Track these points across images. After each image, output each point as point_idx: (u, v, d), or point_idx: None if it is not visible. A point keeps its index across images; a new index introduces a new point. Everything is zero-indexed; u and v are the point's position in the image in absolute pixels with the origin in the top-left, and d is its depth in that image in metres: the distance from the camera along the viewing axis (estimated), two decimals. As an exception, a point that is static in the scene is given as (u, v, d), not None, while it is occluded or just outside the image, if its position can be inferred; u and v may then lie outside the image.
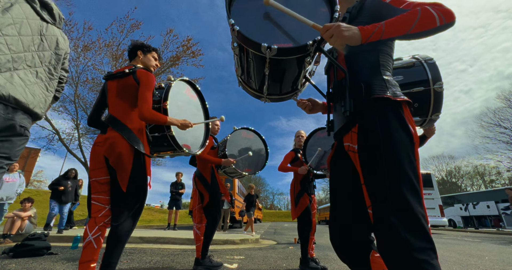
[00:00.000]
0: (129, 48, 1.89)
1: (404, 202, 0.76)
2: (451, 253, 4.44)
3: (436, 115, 1.58)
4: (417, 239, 0.72)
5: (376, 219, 0.81)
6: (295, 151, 3.19)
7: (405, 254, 0.71)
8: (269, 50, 0.94)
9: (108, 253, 1.42)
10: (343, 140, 1.02)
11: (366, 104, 0.91)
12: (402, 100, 0.90)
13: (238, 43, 1.07)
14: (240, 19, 1.05)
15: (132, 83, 1.66)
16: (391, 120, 0.86)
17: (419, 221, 0.74)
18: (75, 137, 11.48)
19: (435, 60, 1.61)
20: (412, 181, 0.78)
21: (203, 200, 2.67)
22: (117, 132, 1.56)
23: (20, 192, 5.46)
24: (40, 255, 3.23)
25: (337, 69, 1.08)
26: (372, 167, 0.84)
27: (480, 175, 33.45)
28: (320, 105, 1.35)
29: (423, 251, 0.71)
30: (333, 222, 1.03)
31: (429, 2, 0.85)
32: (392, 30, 0.83)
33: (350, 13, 1.09)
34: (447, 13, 0.81)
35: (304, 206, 2.88)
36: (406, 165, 0.80)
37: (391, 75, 0.99)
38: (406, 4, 0.92)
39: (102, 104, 1.82)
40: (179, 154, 2.06)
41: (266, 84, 1.15)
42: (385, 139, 0.83)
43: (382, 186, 0.80)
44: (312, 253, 2.86)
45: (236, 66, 1.25)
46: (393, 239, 0.74)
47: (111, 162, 1.51)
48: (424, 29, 0.82)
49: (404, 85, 1.57)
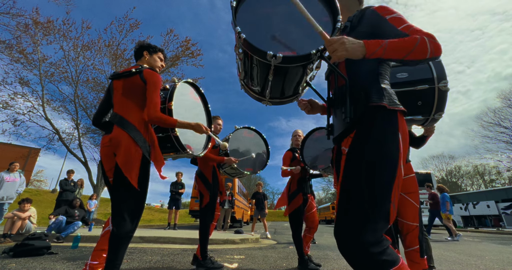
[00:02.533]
0: (136, 48, 1.89)
1: (355, 215, 0.84)
2: (451, 252, 4.44)
3: (439, 114, 1.56)
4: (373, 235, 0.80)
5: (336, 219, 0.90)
6: (292, 150, 3.20)
7: (365, 251, 0.78)
8: (274, 58, 0.97)
9: (111, 256, 1.41)
10: (341, 144, 1.06)
11: (364, 111, 0.95)
12: (397, 109, 0.94)
13: (243, 50, 1.09)
14: (246, 26, 1.07)
15: (138, 82, 1.66)
16: (383, 129, 0.90)
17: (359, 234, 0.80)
18: (75, 136, 11.49)
19: (440, 58, 1.60)
20: (373, 196, 0.84)
21: (203, 201, 2.67)
22: (124, 130, 1.54)
23: (20, 192, 5.46)
24: (40, 254, 3.23)
25: (337, 76, 1.12)
26: (351, 170, 0.90)
27: (480, 175, 33.49)
28: (319, 106, 1.39)
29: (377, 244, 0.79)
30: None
31: (425, 32, 0.89)
32: (392, 54, 0.88)
33: (351, 22, 1.13)
34: (437, 48, 0.87)
35: (296, 206, 2.88)
36: (380, 183, 0.85)
37: (388, 84, 1.04)
38: (404, 26, 0.94)
39: (107, 104, 1.81)
40: (182, 156, 2.05)
41: (269, 89, 1.19)
42: (371, 148, 0.88)
43: (349, 191, 0.88)
44: (307, 250, 2.86)
45: (239, 70, 1.28)
46: (348, 241, 0.82)
47: (119, 162, 1.49)
48: (416, 58, 0.88)
49: (409, 83, 1.55)
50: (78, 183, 7.25)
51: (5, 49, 10.13)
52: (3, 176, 5.26)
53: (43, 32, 10.45)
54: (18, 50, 10.21)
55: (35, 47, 10.44)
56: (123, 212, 1.48)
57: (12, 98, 10.17)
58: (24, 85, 10.31)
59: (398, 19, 0.97)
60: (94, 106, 11.11)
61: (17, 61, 10.20)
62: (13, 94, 10.18)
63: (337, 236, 0.86)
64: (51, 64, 10.75)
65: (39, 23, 10.35)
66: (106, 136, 1.61)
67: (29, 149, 21.81)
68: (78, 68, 10.93)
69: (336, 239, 0.86)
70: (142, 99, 1.68)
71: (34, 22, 10.35)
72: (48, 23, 10.40)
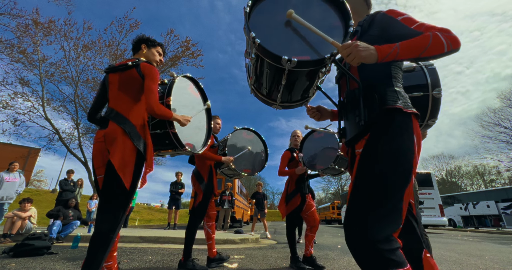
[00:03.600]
0: (134, 41, 1.83)
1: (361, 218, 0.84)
2: (451, 252, 4.44)
3: (432, 121, 1.60)
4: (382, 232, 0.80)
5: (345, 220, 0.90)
6: (290, 150, 3.20)
7: (371, 247, 0.78)
8: (289, 63, 0.98)
9: (89, 258, 1.31)
10: (355, 147, 1.06)
11: (379, 114, 0.95)
12: (411, 112, 0.94)
13: (256, 54, 1.10)
14: (259, 31, 1.07)
15: (135, 76, 1.60)
16: (399, 131, 0.91)
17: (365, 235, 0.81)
18: (75, 136, 11.52)
19: (436, 66, 1.63)
20: (386, 196, 0.84)
21: (196, 200, 2.64)
22: (119, 126, 1.48)
23: (20, 192, 5.46)
24: (40, 254, 3.23)
25: (349, 79, 1.12)
26: (365, 170, 0.90)
27: (480, 175, 33.47)
28: (328, 112, 1.39)
29: (387, 242, 0.79)
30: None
31: (439, 27, 0.90)
32: (405, 54, 0.89)
33: (362, 27, 1.14)
34: (454, 40, 0.86)
35: (294, 206, 2.92)
36: (393, 182, 0.85)
37: (401, 87, 1.04)
38: (417, 25, 0.95)
39: (102, 98, 1.74)
40: (180, 153, 2.00)
41: (280, 93, 1.19)
42: (387, 150, 0.89)
43: (363, 193, 0.88)
44: (311, 251, 2.88)
45: (250, 75, 1.28)
46: (359, 241, 0.82)
47: (113, 160, 1.42)
48: (433, 54, 0.88)
49: (404, 89, 1.58)
50: (78, 183, 7.26)
51: (5, 49, 10.14)
52: (3, 176, 5.26)
53: (44, 33, 10.46)
54: (18, 51, 10.22)
55: (36, 48, 10.44)
56: (112, 210, 1.42)
57: (12, 98, 10.18)
58: (24, 85, 10.32)
59: (410, 19, 0.99)
60: (94, 106, 11.12)
61: (17, 61, 10.20)
62: (13, 93, 10.20)
63: (346, 230, 0.87)
64: (51, 64, 10.76)
65: (39, 24, 10.36)
66: (100, 131, 1.55)
67: (29, 149, 21.83)
68: (78, 68, 10.97)
69: (345, 233, 0.87)
70: (139, 94, 1.62)
71: (34, 22, 10.36)
72: (50, 23, 10.41)
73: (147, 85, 1.56)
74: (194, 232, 2.57)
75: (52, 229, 4.57)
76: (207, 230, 2.77)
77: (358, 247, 0.82)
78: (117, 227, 1.42)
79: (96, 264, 1.31)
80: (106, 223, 1.39)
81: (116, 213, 1.42)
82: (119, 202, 1.44)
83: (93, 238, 1.37)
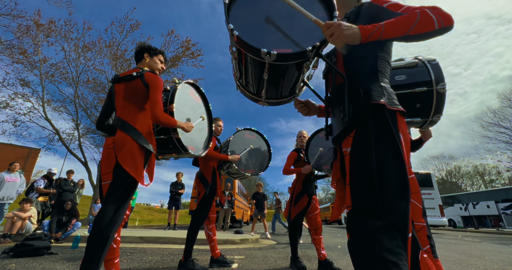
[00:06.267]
0: (136, 50, 1.90)
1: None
2: (451, 253, 4.44)
3: (437, 116, 1.57)
4: (389, 240, 0.74)
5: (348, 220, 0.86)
6: (297, 151, 3.19)
7: (375, 253, 0.72)
8: (269, 56, 0.94)
9: (87, 258, 1.32)
10: (342, 145, 1.01)
11: (364, 110, 0.91)
12: (397, 109, 0.91)
13: (236, 48, 1.06)
14: (239, 24, 1.04)
15: (140, 86, 1.68)
16: (382, 128, 0.87)
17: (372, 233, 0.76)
18: (75, 137, 11.48)
19: (438, 61, 1.60)
20: (384, 196, 0.80)
21: (199, 201, 2.67)
22: (126, 134, 1.57)
23: (20, 192, 5.47)
24: (40, 255, 3.24)
25: (335, 74, 1.08)
26: (358, 170, 0.87)
27: (480, 175, 33.43)
28: (316, 108, 1.34)
29: (394, 252, 0.72)
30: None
31: (428, 6, 0.85)
32: (391, 31, 0.84)
33: (348, 19, 1.10)
34: (445, 17, 0.82)
35: (301, 208, 2.88)
36: (383, 174, 0.82)
37: (388, 83, 1.00)
38: (404, 8, 0.92)
39: (109, 107, 1.82)
40: (183, 156, 2.08)
41: (265, 88, 1.15)
42: (375, 147, 0.85)
43: (360, 191, 0.84)
44: (324, 254, 2.79)
45: (234, 70, 1.24)
46: (364, 239, 0.77)
47: (121, 162, 1.48)
48: (423, 31, 0.83)
49: (407, 85, 1.55)
50: (79, 183, 7.26)
51: (6, 50, 10.15)
52: (4, 176, 5.27)
53: (45, 34, 10.47)
54: (19, 52, 10.22)
55: (36, 49, 10.45)
56: (116, 201, 1.46)
57: (13, 98, 10.18)
58: (25, 86, 10.32)
59: (397, 4, 0.96)
60: (94, 106, 11.12)
61: (18, 62, 10.21)
62: (14, 94, 10.20)
63: (349, 231, 0.84)
64: (52, 65, 10.76)
65: (40, 25, 10.36)
66: (109, 138, 1.61)
67: (29, 150, 21.83)
68: (78, 69, 10.94)
69: (348, 235, 0.85)
70: (144, 102, 1.70)
71: (35, 24, 10.37)
72: (50, 24, 10.41)
73: (152, 95, 1.65)
74: (195, 232, 2.59)
75: (44, 226, 4.69)
76: (208, 232, 2.79)
77: (359, 252, 0.78)
78: (115, 222, 1.42)
79: (95, 263, 1.31)
80: (106, 217, 1.39)
81: (119, 203, 1.46)
82: (123, 192, 1.49)
83: (91, 237, 1.37)
